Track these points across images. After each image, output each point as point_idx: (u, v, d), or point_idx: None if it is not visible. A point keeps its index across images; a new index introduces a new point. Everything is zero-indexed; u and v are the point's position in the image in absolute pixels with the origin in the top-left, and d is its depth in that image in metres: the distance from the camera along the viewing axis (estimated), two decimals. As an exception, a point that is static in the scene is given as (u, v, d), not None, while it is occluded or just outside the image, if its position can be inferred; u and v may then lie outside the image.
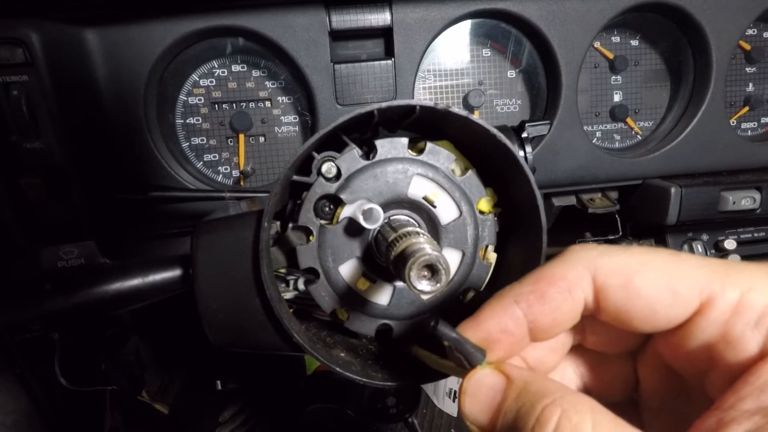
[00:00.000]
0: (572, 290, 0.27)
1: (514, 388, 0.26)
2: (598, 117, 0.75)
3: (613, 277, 0.27)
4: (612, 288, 0.27)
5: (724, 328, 0.25)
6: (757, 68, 0.76)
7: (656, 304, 0.26)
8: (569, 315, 0.28)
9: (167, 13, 0.58)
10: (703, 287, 0.26)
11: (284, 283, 0.43)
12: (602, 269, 0.27)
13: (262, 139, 0.69)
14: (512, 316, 0.28)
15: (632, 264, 0.27)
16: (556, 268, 0.28)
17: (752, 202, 0.69)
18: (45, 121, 0.54)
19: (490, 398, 0.26)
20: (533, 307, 0.28)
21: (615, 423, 0.23)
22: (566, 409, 0.23)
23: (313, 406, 0.99)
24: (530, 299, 0.28)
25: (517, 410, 0.25)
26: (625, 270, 0.27)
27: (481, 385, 0.27)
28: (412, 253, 0.29)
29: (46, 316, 0.37)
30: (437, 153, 0.40)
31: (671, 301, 0.26)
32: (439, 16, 0.63)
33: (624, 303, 0.27)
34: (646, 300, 0.26)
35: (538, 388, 0.25)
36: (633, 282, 0.26)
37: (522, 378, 0.26)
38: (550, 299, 0.27)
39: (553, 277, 0.28)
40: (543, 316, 0.28)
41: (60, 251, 0.50)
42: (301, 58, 0.62)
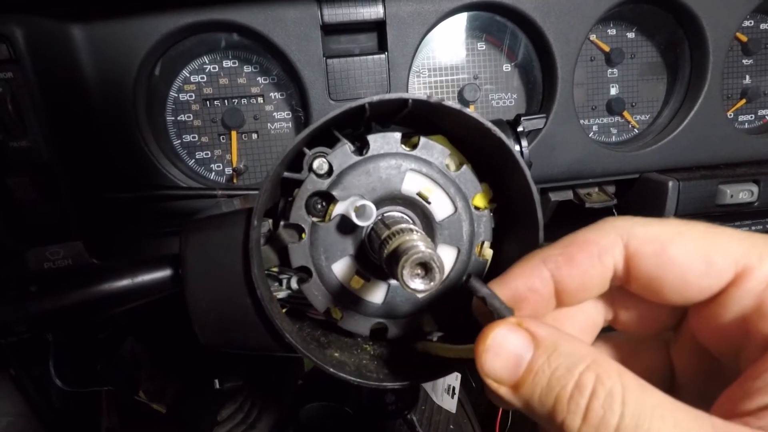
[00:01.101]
0: (602, 256, 0.27)
1: (544, 349, 0.25)
2: (594, 111, 0.74)
3: (646, 245, 0.26)
4: (645, 255, 0.26)
5: (759, 299, 0.25)
6: (754, 60, 0.76)
7: (689, 273, 0.26)
8: (597, 280, 0.28)
9: (156, 7, 0.57)
10: (739, 258, 0.25)
11: (277, 282, 0.42)
12: (636, 237, 0.27)
13: (254, 135, 0.68)
14: (540, 276, 0.28)
15: (667, 233, 0.26)
16: (589, 234, 0.28)
17: (750, 195, 0.69)
18: (31, 119, 0.53)
19: (516, 356, 0.25)
20: (561, 269, 0.28)
21: (642, 385, 0.23)
22: (600, 374, 0.23)
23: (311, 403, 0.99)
24: (559, 261, 0.28)
25: (551, 373, 0.24)
26: (659, 238, 0.26)
27: (505, 342, 0.25)
28: (405, 251, 0.29)
29: (32, 318, 0.36)
30: (431, 148, 0.39)
31: (705, 270, 0.25)
32: (432, 9, 0.62)
33: (656, 271, 0.26)
34: (679, 268, 0.26)
35: (571, 350, 0.24)
36: (666, 250, 0.26)
37: (551, 338, 0.25)
38: (578, 263, 0.27)
39: (584, 242, 0.28)
40: (570, 279, 0.27)
41: (46, 252, 0.49)
42: (292, 53, 0.60)
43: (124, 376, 0.91)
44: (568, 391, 0.23)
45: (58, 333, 0.76)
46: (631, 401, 0.22)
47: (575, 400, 0.23)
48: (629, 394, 0.22)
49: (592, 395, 0.22)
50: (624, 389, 0.22)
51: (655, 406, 0.22)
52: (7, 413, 0.75)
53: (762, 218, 0.79)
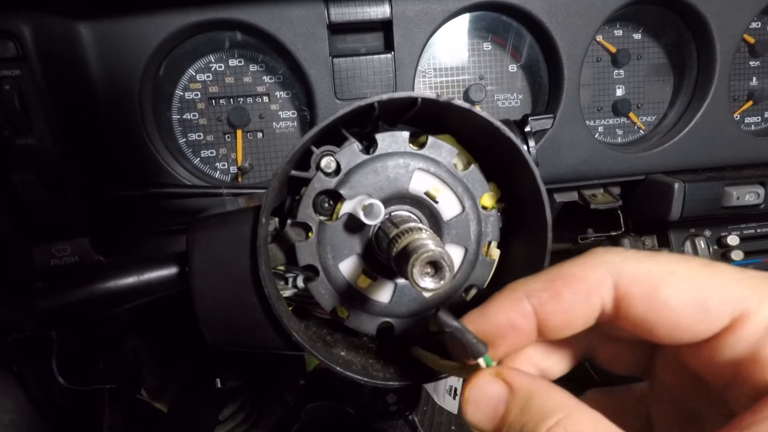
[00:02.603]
0: (589, 295, 0.26)
1: (517, 402, 0.25)
2: (600, 111, 0.74)
3: (637, 286, 0.25)
4: (635, 297, 0.25)
5: (755, 347, 0.23)
6: (761, 62, 0.75)
7: (683, 318, 0.24)
8: (582, 319, 0.26)
9: (162, 6, 0.57)
10: (736, 303, 0.24)
11: (283, 281, 0.42)
12: (626, 276, 0.25)
13: (260, 134, 0.68)
14: (522, 312, 0.26)
15: (659, 273, 0.25)
16: (576, 268, 0.26)
17: (756, 197, 0.69)
18: (38, 116, 0.53)
19: (493, 408, 0.25)
20: (545, 305, 0.26)
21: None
22: (569, 430, 0.22)
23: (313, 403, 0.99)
24: (542, 297, 0.26)
25: (520, 427, 0.24)
26: (651, 279, 0.25)
27: (483, 394, 0.26)
28: (415, 250, 0.28)
29: (39, 315, 0.36)
30: (439, 147, 0.39)
31: (700, 315, 0.24)
32: (439, 9, 0.62)
33: (647, 314, 0.25)
34: (671, 313, 0.24)
35: (542, 404, 0.24)
36: (659, 293, 0.24)
37: (525, 389, 0.25)
38: (563, 300, 0.26)
39: (571, 277, 0.26)
40: (554, 316, 0.26)
41: (53, 249, 0.49)
42: (299, 52, 0.60)
43: (127, 375, 0.91)
44: None
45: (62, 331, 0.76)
46: None
47: None
48: None
49: None
50: None
51: None
52: (9, 410, 0.75)
53: (767, 220, 0.78)
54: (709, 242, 0.77)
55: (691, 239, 0.77)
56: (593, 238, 0.82)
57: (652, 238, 0.81)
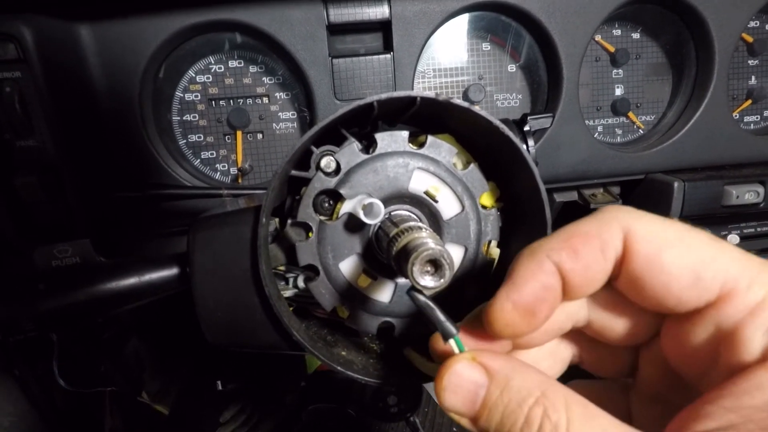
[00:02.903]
0: (605, 250, 0.26)
1: (497, 385, 0.25)
2: (599, 111, 0.74)
3: (644, 244, 0.25)
4: (639, 254, 0.25)
5: (735, 326, 0.24)
6: (760, 61, 0.75)
7: (675, 282, 0.25)
8: (599, 275, 0.27)
9: (162, 7, 0.57)
10: (728, 278, 0.24)
11: (284, 281, 0.42)
12: (636, 233, 0.26)
13: (260, 135, 0.68)
14: (550, 272, 0.26)
15: (667, 236, 0.25)
16: (590, 226, 0.27)
17: (756, 195, 0.69)
18: (39, 118, 0.53)
19: (472, 393, 0.26)
20: (566, 263, 0.26)
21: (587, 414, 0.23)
22: (547, 407, 0.24)
23: (314, 405, 0.98)
24: (562, 255, 0.26)
25: (503, 409, 0.25)
26: (657, 240, 0.25)
27: (461, 380, 0.26)
28: (415, 248, 0.28)
29: (40, 316, 0.36)
30: (438, 146, 0.39)
31: (691, 283, 0.25)
32: (438, 9, 0.62)
33: (644, 273, 0.26)
34: (666, 276, 0.25)
35: (521, 384, 0.25)
36: (661, 254, 0.25)
37: (503, 372, 0.26)
38: (582, 257, 0.26)
39: (586, 234, 0.26)
40: (574, 273, 0.26)
41: (54, 250, 0.49)
42: (298, 53, 0.61)
43: (128, 377, 0.91)
44: (518, 427, 0.24)
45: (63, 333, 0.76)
46: None
47: None
48: (573, 425, 0.23)
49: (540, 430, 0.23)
50: (568, 421, 0.23)
51: None
52: (10, 413, 0.75)
53: (767, 219, 0.78)
54: (710, 241, 0.77)
55: (691, 238, 0.77)
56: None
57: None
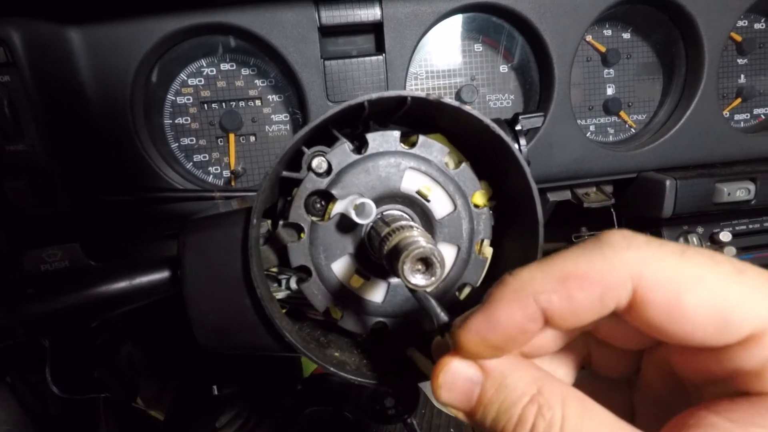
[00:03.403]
0: (605, 298, 0.23)
1: (492, 383, 0.25)
2: (591, 111, 0.74)
3: (659, 291, 0.22)
4: (655, 302, 0.23)
5: (763, 365, 0.22)
6: (749, 60, 0.76)
7: (700, 328, 0.22)
8: (591, 319, 0.24)
9: (153, 10, 0.57)
10: (759, 319, 0.22)
11: (276, 283, 0.42)
12: (649, 280, 0.23)
13: (252, 138, 0.68)
14: (531, 317, 0.24)
15: (686, 278, 0.22)
16: (591, 267, 0.23)
17: (747, 193, 0.69)
18: (28, 122, 0.53)
19: (468, 390, 0.26)
20: (554, 308, 0.24)
21: (583, 411, 0.23)
22: (541, 405, 0.24)
23: (310, 408, 0.98)
24: (553, 300, 0.24)
25: (498, 407, 0.25)
26: (675, 285, 0.22)
27: (455, 378, 0.26)
28: (406, 247, 0.28)
29: (30, 321, 0.36)
30: (430, 146, 0.39)
31: (719, 328, 0.22)
32: (429, 11, 0.62)
33: (663, 320, 0.23)
34: (690, 322, 0.22)
35: (516, 383, 0.25)
36: (681, 299, 0.22)
37: (498, 369, 0.26)
38: (575, 304, 0.23)
39: (586, 278, 0.23)
40: (562, 317, 0.24)
41: (43, 254, 0.48)
42: (290, 55, 0.61)
43: (122, 383, 0.90)
44: (511, 426, 0.24)
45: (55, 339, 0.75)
46: (568, 430, 0.23)
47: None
48: (568, 422, 0.23)
49: (533, 429, 0.23)
50: (563, 419, 0.23)
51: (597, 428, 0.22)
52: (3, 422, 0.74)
53: (759, 216, 0.79)
54: (702, 239, 0.78)
55: (684, 236, 0.78)
56: (587, 237, 0.83)
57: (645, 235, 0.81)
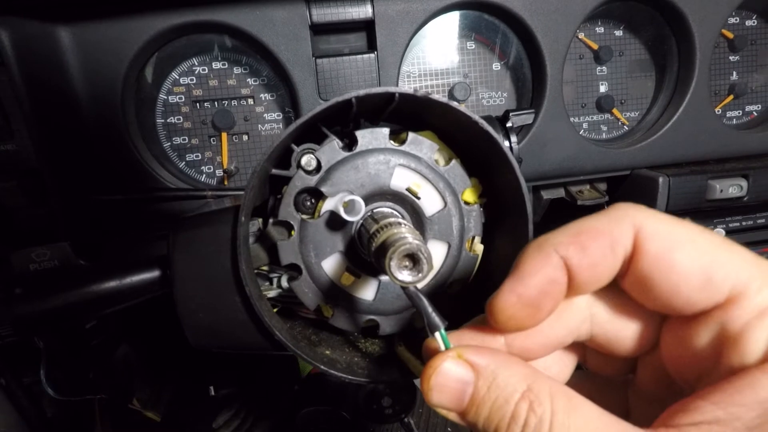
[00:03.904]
0: (614, 247, 0.25)
1: (484, 382, 0.26)
2: (584, 108, 0.74)
3: (655, 243, 0.25)
4: (649, 253, 0.25)
5: (741, 328, 0.24)
6: (741, 57, 0.76)
7: (685, 283, 0.24)
8: (607, 272, 0.26)
9: (143, 9, 0.57)
10: (738, 281, 0.24)
11: (267, 281, 0.42)
12: (647, 231, 0.25)
13: (245, 137, 0.68)
14: (556, 266, 0.26)
15: (678, 235, 0.25)
16: (600, 222, 0.26)
17: (739, 189, 0.69)
18: (18, 122, 0.53)
19: (460, 391, 0.26)
20: (573, 258, 0.26)
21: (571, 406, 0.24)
22: (532, 401, 0.24)
23: (307, 408, 0.98)
24: (570, 250, 0.26)
25: (491, 405, 0.25)
26: (668, 239, 0.25)
27: (447, 379, 0.26)
28: (393, 243, 0.28)
29: (18, 320, 0.36)
30: (420, 143, 0.39)
31: (702, 285, 0.24)
32: (421, 8, 0.62)
33: (653, 273, 0.25)
34: (676, 276, 0.24)
35: (507, 381, 0.25)
36: (672, 254, 0.25)
37: (489, 368, 0.26)
38: (591, 253, 0.26)
39: (596, 230, 0.26)
40: (581, 269, 0.26)
41: (32, 253, 0.48)
42: (282, 53, 0.60)
43: (118, 384, 0.90)
44: (505, 422, 0.24)
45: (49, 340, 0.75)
46: (557, 424, 0.23)
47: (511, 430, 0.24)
48: (556, 418, 0.23)
49: (525, 425, 0.24)
50: (552, 413, 0.23)
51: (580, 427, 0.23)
52: (-3, 424, 0.74)
53: (751, 213, 0.79)
54: (696, 236, 0.78)
55: (677, 233, 0.78)
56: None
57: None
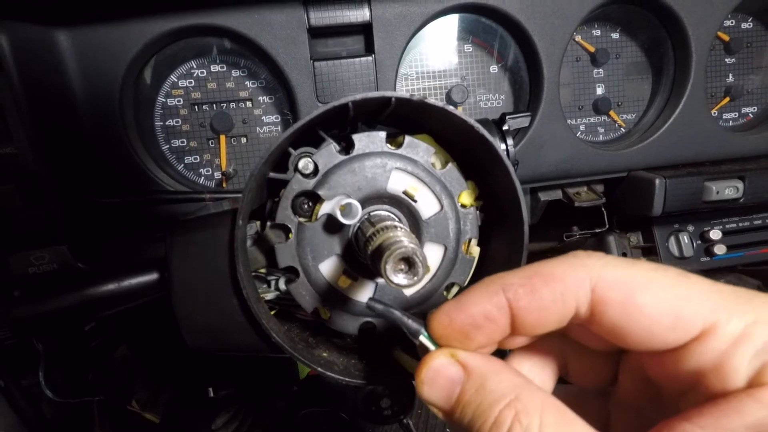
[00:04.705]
0: (565, 295, 0.26)
1: (472, 384, 0.26)
2: (581, 110, 0.75)
3: (615, 291, 0.25)
4: (612, 302, 0.25)
5: (720, 358, 0.24)
6: (736, 59, 0.77)
7: (656, 325, 0.25)
8: (556, 318, 0.26)
9: (141, 12, 0.57)
10: (707, 314, 0.24)
11: (265, 284, 0.42)
12: (605, 280, 0.25)
13: (243, 139, 0.68)
14: (497, 304, 0.26)
15: (637, 279, 0.25)
16: (555, 268, 0.26)
17: (735, 191, 0.70)
18: (16, 125, 0.53)
19: (449, 389, 0.26)
20: (520, 300, 0.26)
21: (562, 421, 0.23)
22: (519, 410, 0.24)
23: (306, 410, 0.98)
24: (519, 292, 0.26)
25: (475, 408, 0.25)
26: (629, 284, 0.25)
27: (438, 375, 0.27)
28: (389, 246, 0.29)
29: (16, 323, 0.36)
30: (416, 146, 0.39)
31: (673, 323, 0.24)
32: (418, 12, 0.62)
33: (622, 319, 0.25)
34: (646, 319, 0.25)
35: (495, 387, 0.25)
36: (635, 298, 0.25)
37: (479, 370, 0.26)
38: (539, 298, 0.26)
39: (550, 275, 0.26)
40: (528, 312, 0.26)
41: (30, 257, 0.48)
42: (280, 56, 0.61)
43: (116, 386, 0.90)
44: (487, 427, 0.24)
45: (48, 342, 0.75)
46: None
47: None
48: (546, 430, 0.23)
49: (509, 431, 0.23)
50: (542, 425, 0.23)
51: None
52: (-3, 426, 0.74)
53: (748, 215, 0.80)
54: (693, 237, 0.78)
55: (675, 235, 0.78)
56: (578, 236, 0.83)
57: (637, 234, 0.82)
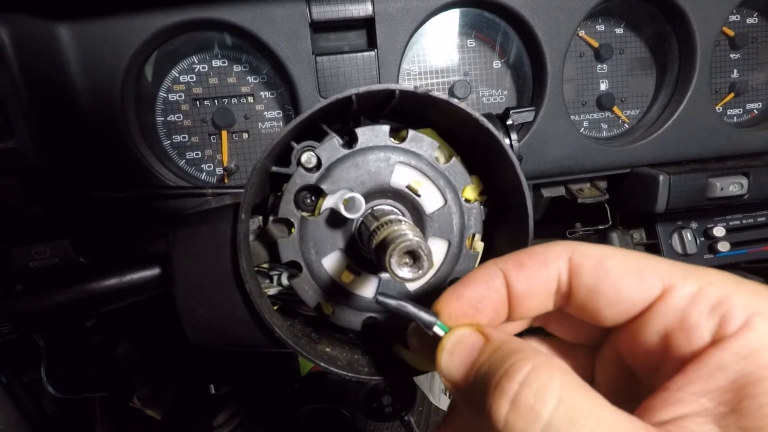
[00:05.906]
0: (548, 263, 0.30)
1: (490, 346, 0.27)
2: (584, 106, 0.74)
3: (588, 258, 0.29)
4: (585, 267, 0.29)
5: (681, 315, 0.26)
6: (742, 54, 0.76)
7: (623, 284, 0.28)
8: (543, 287, 0.30)
9: (143, 6, 0.56)
10: (665, 275, 0.27)
11: (267, 279, 0.42)
12: (578, 251, 0.30)
13: (245, 135, 0.68)
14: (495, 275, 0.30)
15: (605, 250, 0.30)
16: (537, 247, 0.31)
17: (740, 188, 0.69)
18: (18, 120, 0.53)
19: (467, 355, 0.27)
20: (511, 271, 0.30)
21: (582, 386, 0.23)
22: (538, 365, 0.24)
23: (308, 406, 0.98)
24: (509, 264, 0.30)
25: (489, 365, 0.25)
26: (598, 254, 0.29)
27: (459, 343, 0.28)
28: (393, 240, 0.28)
29: (18, 317, 0.36)
30: (420, 140, 0.39)
31: (637, 283, 0.28)
32: (421, 6, 0.62)
33: (595, 283, 0.28)
34: (614, 279, 0.28)
35: (513, 347, 0.26)
36: (604, 263, 0.29)
37: (499, 337, 0.27)
38: (526, 267, 0.30)
39: (533, 251, 0.31)
40: (518, 282, 0.29)
41: (32, 251, 0.48)
42: (281, 51, 0.60)
43: (118, 382, 0.90)
44: (497, 376, 0.24)
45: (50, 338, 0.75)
46: (567, 397, 0.22)
47: (502, 386, 0.23)
48: (567, 390, 0.23)
49: (524, 383, 0.23)
50: (562, 385, 0.23)
51: (594, 406, 0.22)
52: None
53: (751, 212, 0.79)
54: (696, 234, 0.78)
55: (678, 231, 0.78)
56: (581, 232, 0.83)
57: (640, 231, 0.81)
